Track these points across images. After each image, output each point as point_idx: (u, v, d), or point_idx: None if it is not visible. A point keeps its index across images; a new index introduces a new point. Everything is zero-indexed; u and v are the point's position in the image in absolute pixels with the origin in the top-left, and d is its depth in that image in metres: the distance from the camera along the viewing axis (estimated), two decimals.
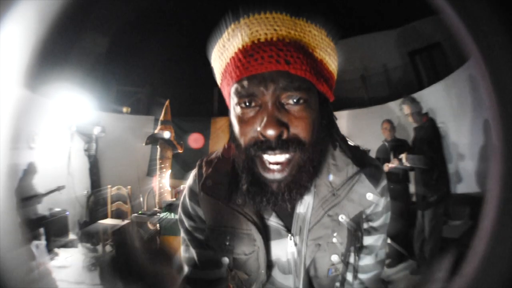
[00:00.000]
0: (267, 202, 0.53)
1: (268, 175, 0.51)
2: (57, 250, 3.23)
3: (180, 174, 3.60)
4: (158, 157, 3.27)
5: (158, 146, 3.28)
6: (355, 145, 0.65)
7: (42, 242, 2.79)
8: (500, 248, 0.30)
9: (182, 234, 0.69)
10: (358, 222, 0.59)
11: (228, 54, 0.53)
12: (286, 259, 0.60)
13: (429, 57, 4.93)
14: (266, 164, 0.51)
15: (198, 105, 5.67)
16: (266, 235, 0.59)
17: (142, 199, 3.67)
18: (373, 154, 3.02)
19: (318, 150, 0.55)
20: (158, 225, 2.76)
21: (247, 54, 0.49)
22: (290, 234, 0.59)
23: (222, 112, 5.17)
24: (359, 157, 0.60)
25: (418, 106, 2.58)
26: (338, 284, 0.62)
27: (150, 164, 4.60)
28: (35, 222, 3.11)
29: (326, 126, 0.58)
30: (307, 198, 0.58)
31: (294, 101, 0.49)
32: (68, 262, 3.02)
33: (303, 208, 0.59)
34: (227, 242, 0.61)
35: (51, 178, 3.62)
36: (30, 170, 3.31)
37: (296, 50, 0.49)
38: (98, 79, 5.05)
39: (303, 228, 0.58)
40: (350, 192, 0.57)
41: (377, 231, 0.63)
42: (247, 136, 0.51)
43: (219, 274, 0.67)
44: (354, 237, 0.59)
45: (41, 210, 3.37)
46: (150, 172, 4.53)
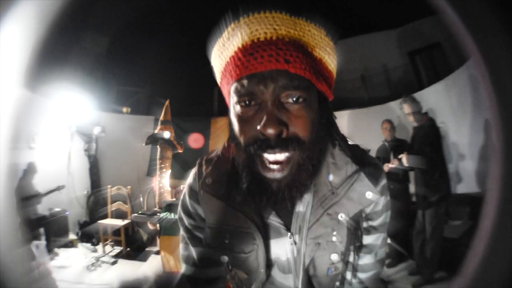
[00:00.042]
0: (267, 201, 0.53)
1: (268, 174, 0.51)
2: (57, 250, 3.23)
3: (180, 174, 3.60)
4: (158, 157, 3.27)
5: (158, 146, 3.28)
6: (355, 144, 0.65)
7: (42, 242, 2.79)
8: (500, 248, 0.30)
9: (182, 232, 0.69)
10: (358, 221, 0.59)
11: (228, 53, 0.53)
12: (286, 258, 0.60)
13: (429, 57, 4.93)
14: (266, 163, 0.51)
15: (198, 105, 5.67)
16: (265, 234, 0.59)
17: (142, 199, 3.67)
18: (373, 154, 3.01)
19: (318, 149, 0.55)
20: (158, 225, 2.76)
21: (247, 53, 0.49)
22: (289, 233, 0.59)
23: (222, 112, 5.17)
24: (359, 156, 0.60)
25: (418, 105, 2.58)
26: (337, 283, 0.62)
27: (150, 164, 4.60)
28: (35, 222, 3.11)
29: (325, 125, 0.58)
30: (307, 197, 0.58)
31: (294, 100, 0.49)
32: (68, 262, 3.02)
33: (303, 206, 0.58)
34: (227, 241, 0.61)
35: (51, 178, 3.62)
36: (30, 170, 3.32)
37: (295, 49, 0.49)
38: (98, 79, 5.06)
39: (303, 226, 0.58)
40: (350, 190, 0.57)
41: (376, 230, 0.63)
42: (247, 134, 0.51)
43: (218, 273, 0.67)
44: (354, 236, 0.59)
45: (41, 210, 3.37)
46: (150, 172, 4.53)
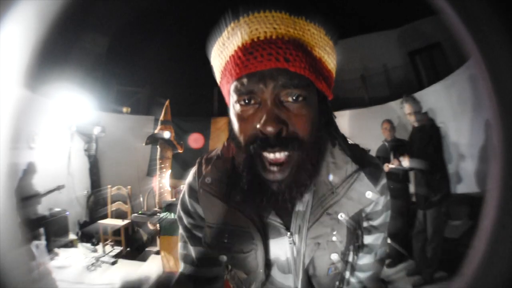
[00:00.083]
0: (268, 202, 0.53)
1: (268, 176, 0.51)
2: (57, 250, 3.23)
3: (180, 174, 3.59)
4: (158, 157, 3.27)
5: (158, 146, 3.28)
6: (355, 143, 0.65)
7: (42, 242, 2.79)
8: (500, 248, 0.30)
9: (181, 231, 0.69)
10: (358, 220, 0.59)
11: (227, 52, 0.53)
12: (285, 258, 0.60)
13: (429, 57, 4.93)
14: (266, 164, 0.51)
15: (198, 105, 5.67)
16: (264, 234, 0.59)
17: (142, 199, 3.67)
18: (373, 154, 3.00)
19: (317, 148, 0.55)
20: (158, 225, 2.76)
21: (247, 52, 0.49)
22: (289, 233, 0.59)
23: (222, 112, 5.17)
24: (359, 155, 0.60)
25: (419, 105, 2.58)
26: (337, 283, 0.62)
27: (150, 164, 4.60)
28: (35, 222, 3.11)
29: (325, 124, 0.58)
30: (307, 196, 0.58)
31: (293, 98, 0.49)
32: (68, 262, 3.02)
33: (302, 206, 0.58)
34: (225, 240, 0.61)
35: (51, 178, 3.62)
36: (30, 170, 3.32)
37: (295, 48, 0.49)
38: (98, 79, 5.05)
39: (302, 226, 0.58)
40: (349, 190, 0.57)
41: (377, 230, 0.63)
42: (247, 133, 0.51)
43: (217, 272, 0.67)
44: (354, 235, 0.59)
45: (41, 210, 3.37)
46: (150, 172, 4.53)
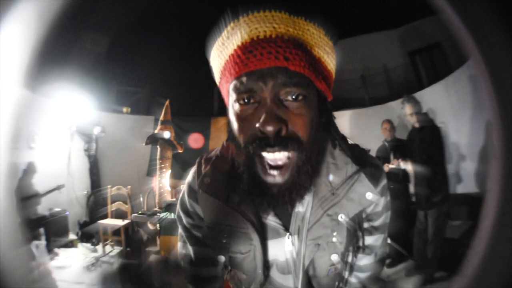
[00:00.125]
0: (268, 204, 0.53)
1: (268, 179, 0.51)
2: (57, 250, 3.23)
3: (180, 174, 3.59)
4: (158, 157, 3.27)
5: (158, 146, 3.28)
6: (355, 144, 0.65)
7: (42, 242, 2.79)
8: (500, 248, 0.30)
9: (180, 231, 0.69)
10: (358, 221, 0.59)
11: (227, 52, 0.53)
12: (285, 259, 0.60)
13: (429, 57, 4.93)
14: (266, 168, 0.50)
15: (198, 105, 5.67)
16: (263, 234, 0.59)
17: (142, 199, 3.66)
18: (373, 154, 3.00)
19: (317, 149, 0.55)
20: (158, 225, 2.76)
21: (246, 51, 0.49)
22: (288, 233, 0.58)
23: (222, 112, 5.16)
24: (359, 156, 0.60)
25: (420, 106, 2.58)
26: (337, 283, 0.62)
27: (150, 164, 4.59)
28: (35, 222, 3.11)
29: (325, 125, 0.58)
30: (307, 198, 0.58)
31: (293, 97, 0.49)
32: (68, 262, 3.02)
33: (302, 207, 0.58)
34: (224, 240, 0.60)
35: (51, 178, 3.62)
36: (30, 170, 3.31)
37: (295, 47, 0.49)
38: (98, 79, 5.05)
39: (302, 227, 0.58)
40: (350, 191, 0.57)
41: (377, 231, 0.62)
42: (246, 133, 0.51)
43: (216, 272, 0.67)
44: (354, 236, 0.59)
45: (41, 210, 3.37)
46: (150, 172, 4.53)
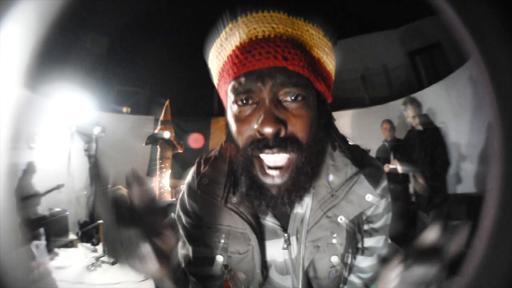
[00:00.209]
0: (267, 206, 0.52)
1: (267, 180, 0.50)
2: (57, 250, 3.23)
3: (180, 174, 3.59)
4: (158, 157, 3.27)
5: (158, 146, 3.28)
6: (355, 144, 0.64)
7: (42, 242, 2.78)
8: (500, 248, 0.30)
9: (179, 230, 0.69)
10: (358, 223, 0.58)
11: (225, 53, 0.52)
12: (283, 260, 0.60)
13: (429, 57, 4.93)
14: (265, 169, 0.50)
15: (198, 105, 5.67)
16: (261, 235, 0.59)
17: None
18: (373, 154, 3.01)
19: (316, 151, 0.54)
20: None
21: (245, 51, 0.49)
22: (286, 234, 0.58)
23: (222, 112, 5.11)
24: (359, 157, 0.59)
25: (421, 108, 2.58)
26: (340, 285, 0.62)
27: (150, 164, 4.60)
28: (35, 222, 3.11)
29: (324, 126, 0.57)
30: (306, 199, 0.57)
31: (292, 98, 0.49)
32: (68, 262, 3.02)
33: (301, 208, 0.58)
34: (222, 240, 0.60)
35: (51, 178, 3.62)
36: (30, 170, 3.31)
37: (293, 47, 0.48)
38: (98, 79, 5.05)
39: (301, 229, 0.57)
40: (349, 193, 0.56)
41: (378, 232, 0.62)
42: (244, 135, 0.50)
43: (215, 272, 0.67)
44: (354, 238, 0.58)
45: (41, 210, 3.37)
46: (150, 172, 4.52)
